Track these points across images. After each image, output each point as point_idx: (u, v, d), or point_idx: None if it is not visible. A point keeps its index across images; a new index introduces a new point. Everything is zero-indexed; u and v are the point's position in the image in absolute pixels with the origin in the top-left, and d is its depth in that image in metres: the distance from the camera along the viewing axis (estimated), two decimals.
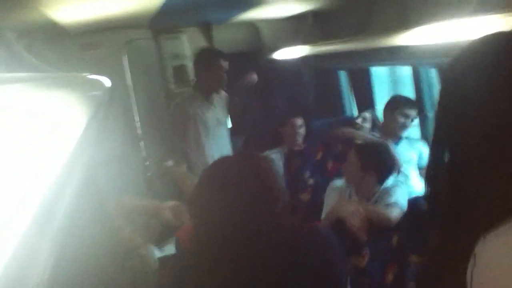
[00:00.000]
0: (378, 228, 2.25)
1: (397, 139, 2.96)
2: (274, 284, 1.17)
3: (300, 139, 3.51)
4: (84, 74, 1.08)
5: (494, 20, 1.33)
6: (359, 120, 3.29)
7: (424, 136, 3.03)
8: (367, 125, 3.27)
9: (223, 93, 3.37)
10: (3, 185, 0.28)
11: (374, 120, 3.35)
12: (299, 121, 3.52)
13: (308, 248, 1.27)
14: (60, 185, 0.38)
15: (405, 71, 3.68)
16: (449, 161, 0.87)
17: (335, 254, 1.30)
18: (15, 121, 0.38)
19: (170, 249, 2.41)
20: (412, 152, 2.94)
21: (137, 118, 3.50)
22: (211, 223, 1.22)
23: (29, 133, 0.38)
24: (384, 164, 2.46)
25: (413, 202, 2.35)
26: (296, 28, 3.62)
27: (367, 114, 3.36)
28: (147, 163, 3.51)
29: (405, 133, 3.00)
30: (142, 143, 3.51)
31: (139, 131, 3.52)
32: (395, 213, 2.26)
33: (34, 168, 0.35)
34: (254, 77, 3.44)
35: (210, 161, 3.14)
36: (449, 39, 1.62)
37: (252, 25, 3.74)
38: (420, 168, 2.94)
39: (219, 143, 3.26)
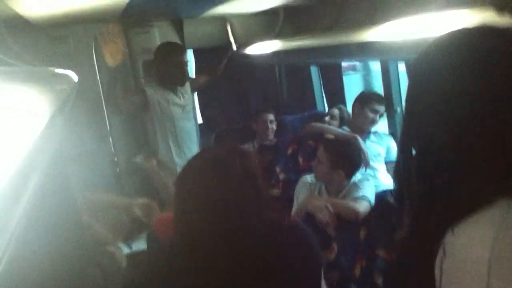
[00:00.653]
0: (346, 222, 2.29)
1: (366, 134, 3.01)
2: (255, 276, 1.17)
3: (271, 134, 3.54)
4: (50, 68, 1.06)
5: (462, 15, 1.35)
6: (327, 118, 3.34)
7: (392, 131, 3.08)
8: (335, 122, 3.32)
9: (188, 89, 3.36)
10: None
11: (344, 115, 3.39)
12: (270, 116, 3.55)
13: (290, 241, 1.27)
14: (21, 178, 0.38)
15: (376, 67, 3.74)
16: (417, 156, 0.89)
17: (314, 247, 1.32)
18: None
19: (138, 246, 2.40)
20: (380, 147, 2.99)
21: (105, 113, 3.45)
22: (193, 214, 1.21)
23: None
24: (353, 160, 2.50)
25: (381, 196, 2.39)
26: (267, 23, 3.63)
27: (336, 111, 3.41)
28: (116, 158, 3.47)
29: (374, 128, 3.06)
30: (110, 139, 3.47)
31: (108, 126, 3.47)
32: (363, 207, 2.30)
33: None
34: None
35: (178, 156, 3.16)
36: (418, 35, 1.64)
37: (224, 20, 3.73)
38: (387, 163, 2.99)
39: (186, 138, 3.25)
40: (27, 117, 0.49)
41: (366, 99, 2.99)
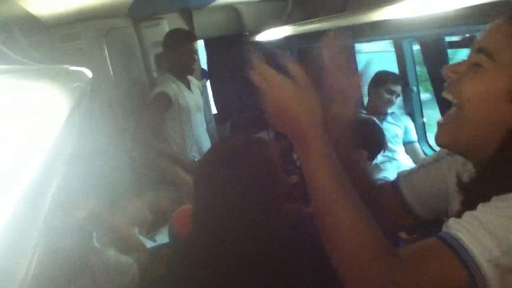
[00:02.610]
0: None
1: (383, 115, 2.98)
2: (273, 269, 1.14)
3: None
4: (64, 65, 1.06)
5: None
6: None
7: (408, 111, 3.04)
8: None
9: (197, 84, 3.34)
10: None
11: None
12: None
13: (310, 232, 1.23)
14: (43, 179, 0.38)
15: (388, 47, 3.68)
16: None
17: None
18: None
19: (162, 238, 2.42)
20: (398, 128, 2.96)
21: (120, 108, 3.46)
22: (211, 207, 1.19)
23: (8, 125, 0.37)
24: (373, 141, 2.46)
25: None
26: (276, 9, 3.60)
27: None
28: (134, 153, 3.48)
29: (391, 109, 3.02)
30: (127, 134, 3.49)
31: (124, 122, 3.48)
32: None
33: (16, 162, 0.34)
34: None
35: (194, 148, 3.15)
36: (429, 11, 1.61)
37: (233, 8, 3.71)
38: (406, 143, 2.96)
39: (199, 130, 3.24)
40: (45, 115, 0.49)
41: (381, 79, 2.94)
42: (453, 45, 2.30)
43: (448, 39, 2.34)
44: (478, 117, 0.79)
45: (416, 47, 2.74)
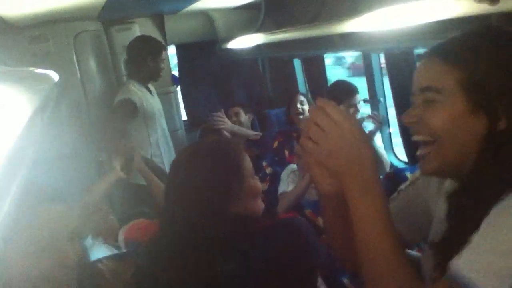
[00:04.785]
0: None
1: None
2: (252, 274, 1.15)
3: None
4: (30, 68, 1.04)
5: (442, 3, 1.36)
6: (298, 105, 3.34)
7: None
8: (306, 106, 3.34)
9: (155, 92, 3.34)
10: None
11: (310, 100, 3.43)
12: (235, 109, 3.50)
13: (288, 237, 1.25)
14: (2, 182, 0.37)
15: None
16: None
17: (308, 244, 1.29)
18: None
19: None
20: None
21: (87, 113, 3.41)
22: (175, 206, 1.20)
23: None
24: None
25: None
26: (249, 17, 3.62)
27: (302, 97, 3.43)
28: (100, 159, 3.43)
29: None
30: (94, 138, 3.43)
31: (91, 126, 3.43)
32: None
33: None
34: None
35: (157, 153, 3.13)
36: (398, 24, 1.65)
37: (205, 15, 3.71)
38: None
39: (164, 134, 3.23)
40: (6, 117, 0.48)
41: (337, 95, 2.89)
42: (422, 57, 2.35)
43: (417, 51, 2.39)
44: (454, 141, 0.86)
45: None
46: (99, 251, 2.34)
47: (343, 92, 2.88)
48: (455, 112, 0.85)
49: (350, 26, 1.96)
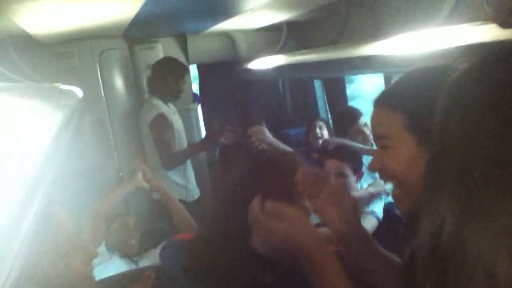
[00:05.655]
0: None
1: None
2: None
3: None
4: (55, 84, 1.07)
5: (464, 30, 1.36)
6: (317, 130, 3.36)
7: None
8: (325, 131, 3.36)
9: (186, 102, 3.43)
10: None
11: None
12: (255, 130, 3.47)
13: None
14: (28, 196, 0.38)
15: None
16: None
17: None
18: None
19: (145, 263, 2.38)
20: None
21: (110, 128, 3.46)
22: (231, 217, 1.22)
23: None
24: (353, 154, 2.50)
25: (388, 209, 2.38)
26: (271, 38, 3.65)
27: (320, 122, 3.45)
28: (121, 174, 3.46)
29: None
30: (115, 154, 3.47)
31: (113, 142, 3.48)
32: (371, 225, 2.27)
33: (2, 178, 0.34)
34: None
35: (179, 169, 3.16)
36: (420, 49, 1.65)
37: (227, 35, 3.76)
38: None
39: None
40: (33, 133, 0.49)
41: (344, 122, 3.03)
42: None
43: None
44: (413, 181, 0.89)
45: None
46: (114, 265, 2.34)
47: (349, 119, 2.99)
48: (406, 154, 0.91)
49: (371, 49, 1.96)
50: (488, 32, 1.22)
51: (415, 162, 0.89)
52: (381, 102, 0.98)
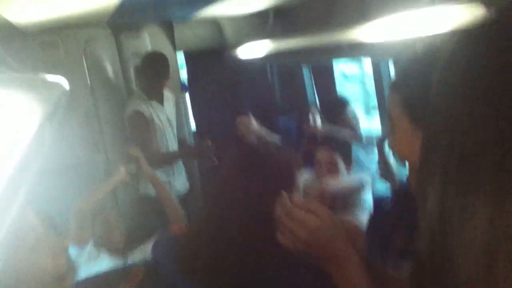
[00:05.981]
0: None
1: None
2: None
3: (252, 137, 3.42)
4: (39, 74, 1.04)
5: (453, 11, 1.35)
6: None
7: (385, 131, 3.08)
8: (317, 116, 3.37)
9: (169, 92, 3.36)
10: None
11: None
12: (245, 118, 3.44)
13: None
14: (8, 191, 0.37)
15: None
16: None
17: None
18: None
19: (133, 259, 2.36)
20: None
21: (97, 120, 3.42)
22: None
23: None
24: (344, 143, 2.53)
25: (378, 204, 2.39)
26: (257, 24, 3.62)
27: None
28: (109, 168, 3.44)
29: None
30: (103, 148, 3.44)
31: (100, 134, 3.44)
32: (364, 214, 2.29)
33: None
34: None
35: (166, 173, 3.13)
36: (408, 33, 1.64)
37: (214, 22, 3.72)
38: None
39: (169, 145, 3.25)
40: (14, 125, 0.48)
41: (331, 111, 3.06)
42: None
43: None
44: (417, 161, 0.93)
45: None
46: (103, 262, 2.32)
47: (336, 108, 3.02)
48: (405, 135, 0.92)
49: (358, 34, 1.95)
50: (473, 13, 1.22)
51: (414, 143, 0.89)
52: (391, 85, 1.00)
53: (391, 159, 2.78)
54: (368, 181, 2.40)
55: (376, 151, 2.92)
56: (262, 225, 1.15)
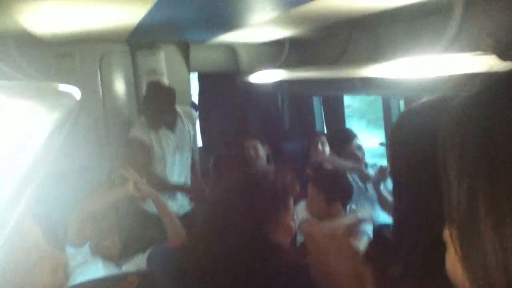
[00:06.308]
0: None
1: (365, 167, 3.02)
2: None
3: (258, 161, 3.40)
4: (53, 83, 1.07)
5: (463, 59, 1.37)
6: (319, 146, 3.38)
7: None
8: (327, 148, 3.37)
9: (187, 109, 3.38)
10: None
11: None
12: (253, 143, 3.43)
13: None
14: (15, 196, 0.38)
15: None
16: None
17: None
18: None
19: (128, 267, 2.35)
20: None
21: (106, 131, 3.45)
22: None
23: None
24: (346, 191, 2.43)
25: (378, 230, 2.37)
26: (272, 53, 3.67)
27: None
28: (113, 177, 3.44)
29: (371, 161, 3.08)
30: (108, 157, 3.45)
31: (107, 145, 3.46)
32: (363, 245, 2.26)
33: None
34: None
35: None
36: (418, 75, 1.66)
37: (230, 47, 3.77)
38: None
39: (167, 172, 3.22)
40: (26, 131, 0.49)
41: (337, 143, 3.10)
42: None
43: None
44: None
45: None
46: (98, 268, 2.30)
47: (343, 140, 3.03)
48: None
49: (371, 71, 1.98)
50: (487, 63, 1.23)
51: None
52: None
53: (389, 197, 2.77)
54: (366, 217, 2.38)
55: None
56: (256, 244, 1.17)
